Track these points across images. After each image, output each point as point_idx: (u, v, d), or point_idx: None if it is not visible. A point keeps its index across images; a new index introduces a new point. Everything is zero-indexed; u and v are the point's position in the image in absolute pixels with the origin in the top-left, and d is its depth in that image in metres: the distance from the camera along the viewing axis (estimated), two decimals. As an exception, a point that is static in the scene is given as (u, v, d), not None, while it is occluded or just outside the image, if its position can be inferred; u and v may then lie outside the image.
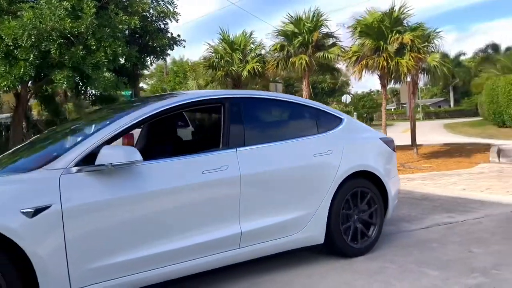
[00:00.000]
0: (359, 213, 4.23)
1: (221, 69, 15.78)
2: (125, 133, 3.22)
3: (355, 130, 4.58)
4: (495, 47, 38.03)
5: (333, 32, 14.11)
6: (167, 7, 12.45)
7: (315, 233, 3.94)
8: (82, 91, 13.50)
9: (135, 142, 4.75)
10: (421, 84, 20.11)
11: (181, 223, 3.28)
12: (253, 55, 15.84)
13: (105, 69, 10.44)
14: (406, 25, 12.24)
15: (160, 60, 14.59)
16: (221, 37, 16.15)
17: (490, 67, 31.79)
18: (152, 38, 12.29)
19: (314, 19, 13.97)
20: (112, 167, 2.95)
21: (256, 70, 15.32)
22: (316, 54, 13.96)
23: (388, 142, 4.72)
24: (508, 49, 38.69)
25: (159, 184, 3.19)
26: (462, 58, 49.93)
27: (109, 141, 3.10)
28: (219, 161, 3.46)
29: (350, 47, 12.83)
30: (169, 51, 13.83)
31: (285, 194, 3.83)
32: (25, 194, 2.74)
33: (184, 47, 13.60)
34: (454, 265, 3.82)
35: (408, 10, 12.18)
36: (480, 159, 12.02)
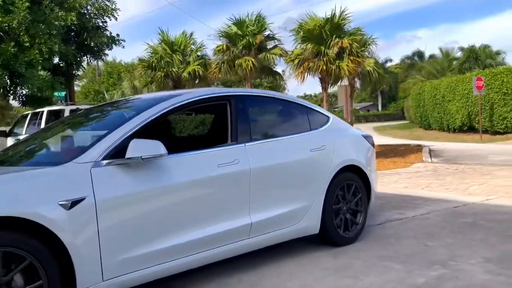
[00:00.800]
0: (348, 204, 4.56)
1: (161, 70, 15.49)
2: (147, 127, 3.33)
3: (340, 127, 4.92)
4: (420, 54, 40.36)
5: (275, 35, 14.35)
6: (105, 4, 12.01)
7: (312, 223, 4.22)
8: (11, 91, 12.67)
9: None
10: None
11: (201, 214, 3.43)
12: (194, 56, 15.71)
13: (40, 68, 9.86)
14: (345, 30, 12.66)
15: (97, 60, 14.05)
16: (161, 38, 15.87)
17: (416, 73, 33.66)
18: (90, 36, 11.82)
19: (257, 22, 14.11)
20: (142, 160, 3.07)
21: (197, 72, 15.21)
22: (259, 55, 14.08)
23: (368, 138, 5.10)
24: (431, 56, 41.16)
25: (182, 177, 3.33)
26: (389, 64, 52.51)
27: (133, 135, 3.17)
28: (231, 155, 3.64)
29: (292, 51, 13.07)
30: (107, 51, 13.37)
31: (287, 186, 4.08)
32: (61, 186, 2.81)
33: (123, 47, 13.26)
34: (414, 259, 3.97)
35: (348, 16, 12.62)
36: (414, 159, 12.66)
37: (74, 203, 2.76)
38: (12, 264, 2.56)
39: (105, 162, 2.99)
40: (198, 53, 15.92)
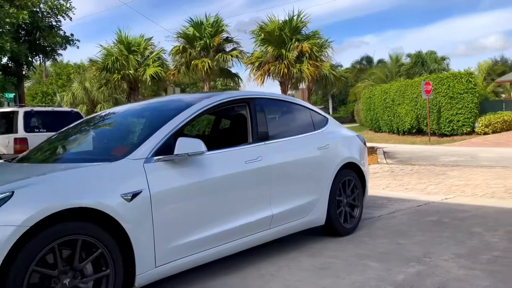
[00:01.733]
0: (347, 198, 4.99)
1: (116, 72, 15.10)
2: (186, 126, 3.69)
3: (337, 128, 5.34)
4: (369, 59, 41.61)
5: (233, 37, 14.35)
6: (59, 2, 11.56)
7: (319, 215, 4.62)
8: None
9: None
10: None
11: (235, 205, 3.75)
12: (153, 58, 15.43)
13: (-11, 68, 9.36)
14: (303, 33, 12.85)
15: (50, 60, 13.50)
16: (117, 38, 15.48)
17: (366, 78, 34.64)
18: (43, 36, 11.32)
19: (215, 23, 14.05)
20: (188, 156, 3.36)
21: (159, 74, 14.94)
22: (216, 57, 14.03)
23: (361, 138, 5.57)
24: (380, 61, 42.53)
25: (218, 172, 3.64)
26: (339, 69, 53.78)
27: (175, 134, 3.46)
28: (255, 153, 3.99)
29: (252, 53, 13.12)
30: (60, 51, 12.86)
31: (300, 181, 4.48)
32: (121, 180, 3.04)
33: (77, 47, 12.77)
34: (390, 256, 4.08)
35: (305, 19, 12.82)
36: (370, 160, 13.00)
37: (134, 195, 3.01)
38: (87, 253, 2.80)
39: (155, 158, 3.26)
40: (157, 55, 15.64)
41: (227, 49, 14.37)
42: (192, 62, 13.76)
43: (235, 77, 15.72)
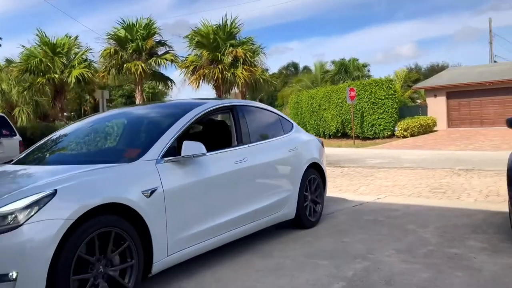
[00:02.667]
0: (312, 195, 5.53)
1: (41, 74, 14.34)
2: (188, 129, 4.15)
3: (300, 132, 5.90)
4: (295, 65, 42.86)
5: (166, 41, 14.18)
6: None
7: (291, 210, 5.14)
8: None
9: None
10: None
11: (229, 201, 4.23)
12: (79, 60, 14.82)
13: None
14: (237, 39, 13.02)
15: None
16: (40, 39, 14.68)
17: (293, 83, 35.60)
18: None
19: (147, 26, 13.82)
20: (193, 157, 3.80)
21: (85, 76, 14.37)
22: (149, 60, 13.80)
23: (319, 141, 6.20)
24: (305, 68, 43.92)
25: (215, 171, 4.08)
26: (266, 73, 54.82)
27: (178, 137, 3.86)
28: (241, 154, 4.47)
29: (187, 57, 13.06)
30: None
31: (277, 180, 5.02)
32: (139, 179, 3.40)
33: (0, 45, 11.98)
34: (337, 254, 4.30)
35: (239, 25, 13.00)
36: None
37: (152, 192, 3.38)
38: (117, 244, 3.13)
39: (164, 159, 3.64)
40: (83, 56, 15.04)
41: (160, 52, 14.18)
42: (125, 65, 13.41)
43: (168, 80, 15.53)
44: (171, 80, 14.89)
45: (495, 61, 36.22)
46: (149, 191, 3.38)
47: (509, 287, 3.36)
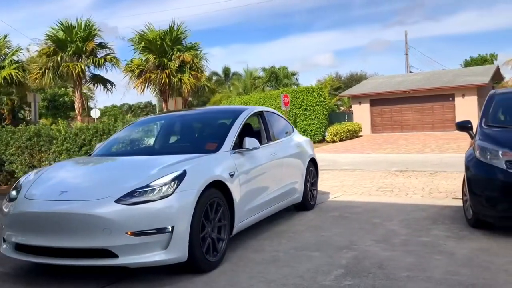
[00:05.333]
0: (310, 183, 6.72)
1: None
2: (242, 129, 5.26)
3: (298, 133, 7.13)
4: (227, 71, 43.10)
5: (107, 43, 13.87)
6: None
7: (299, 195, 6.28)
8: None
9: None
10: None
11: (270, 183, 5.43)
12: (10, 59, 14.03)
13: None
14: (184, 44, 13.09)
15: None
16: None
17: (224, 88, 35.91)
18: None
19: (87, 27, 13.45)
20: (253, 150, 5.00)
21: (14, 77, 13.62)
22: (87, 61, 13.43)
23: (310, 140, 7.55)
24: (234, 73, 44.35)
25: (262, 160, 5.27)
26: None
27: (238, 135, 5.08)
28: (273, 149, 5.70)
29: (131, 60, 12.89)
30: None
31: (293, 170, 6.17)
32: (225, 165, 4.54)
33: None
34: (323, 246, 4.66)
35: (185, 31, 13.08)
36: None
37: (233, 175, 4.50)
38: (216, 210, 4.20)
39: (234, 151, 4.82)
40: (15, 57, 14.26)
41: (100, 55, 13.82)
42: (63, 64, 12.93)
43: (108, 83, 15.12)
44: (111, 83, 14.59)
45: (410, 71, 39.11)
46: (232, 173, 4.50)
47: (482, 265, 3.90)
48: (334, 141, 23.38)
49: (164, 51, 12.44)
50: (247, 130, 5.64)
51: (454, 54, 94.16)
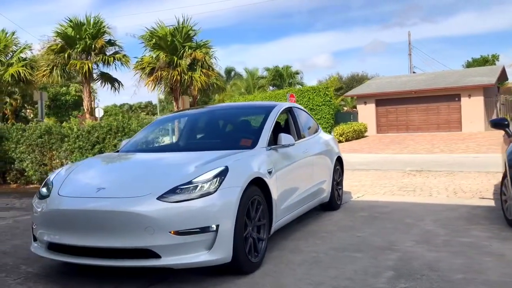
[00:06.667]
0: (337, 182, 6.56)
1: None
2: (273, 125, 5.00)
3: (322, 131, 6.83)
4: (229, 70, 42.93)
5: (116, 40, 13.68)
6: None
7: (326, 195, 6.10)
8: None
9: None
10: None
11: (303, 182, 5.28)
12: (18, 56, 13.82)
13: None
14: (194, 41, 12.91)
15: None
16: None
17: (230, 88, 35.73)
18: None
19: (96, 24, 13.26)
20: (289, 146, 4.76)
21: (21, 74, 13.41)
22: (97, 58, 13.22)
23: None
24: (235, 74, 44.20)
25: (295, 157, 5.07)
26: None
27: (272, 131, 4.86)
28: (304, 146, 5.50)
29: (142, 58, 12.70)
30: None
31: (321, 169, 5.97)
32: (263, 161, 4.33)
33: None
34: (363, 247, 4.48)
35: (194, 27, 12.89)
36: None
37: (270, 172, 4.29)
38: (256, 209, 3.99)
39: (269, 147, 4.61)
40: (22, 55, 14.05)
41: (109, 53, 13.62)
42: (71, 62, 12.72)
43: (115, 82, 14.86)
44: (119, 82, 14.30)
45: (413, 72, 38.99)
46: (270, 170, 4.31)
47: (537, 268, 3.73)
48: (340, 141, 23.20)
49: (175, 48, 12.26)
50: (276, 127, 5.41)
51: (454, 56, 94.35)
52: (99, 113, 31.07)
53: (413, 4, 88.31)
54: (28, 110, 35.00)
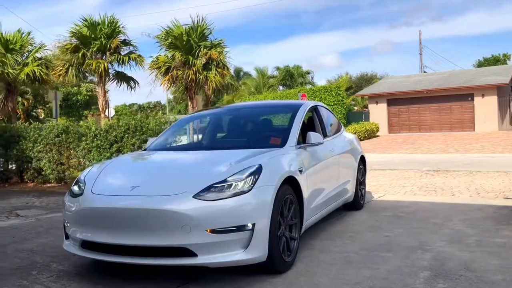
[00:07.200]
0: (360, 181, 6.48)
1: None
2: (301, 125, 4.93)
3: (345, 130, 6.82)
4: (238, 70, 43.01)
5: (130, 40, 13.70)
6: None
7: (351, 194, 6.05)
8: None
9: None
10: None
11: (329, 182, 5.21)
12: (33, 57, 13.88)
13: None
14: (209, 40, 12.90)
15: None
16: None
17: (238, 87, 35.70)
18: None
19: (111, 24, 13.29)
20: (318, 145, 4.77)
21: (37, 74, 13.47)
22: (112, 57, 13.25)
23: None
24: (244, 73, 44.21)
25: (323, 156, 5.05)
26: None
27: (300, 130, 4.78)
28: (330, 145, 5.44)
29: (157, 57, 12.71)
30: None
31: (347, 168, 5.94)
32: (292, 160, 4.25)
33: None
34: (393, 247, 4.42)
35: (210, 26, 12.87)
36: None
37: (301, 170, 4.23)
38: (288, 208, 3.94)
39: (299, 146, 4.58)
40: (38, 54, 14.11)
41: (124, 52, 13.65)
42: (87, 61, 12.76)
43: (130, 81, 14.87)
44: (135, 81, 14.33)
45: (424, 71, 38.75)
46: (301, 169, 4.26)
47: None
48: (352, 141, 23.12)
49: (191, 48, 12.25)
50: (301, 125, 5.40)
51: (464, 55, 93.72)
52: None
53: (421, 4, 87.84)
54: (39, 110, 35.24)
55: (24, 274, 4.01)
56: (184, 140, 5.95)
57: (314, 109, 5.65)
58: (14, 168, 11.53)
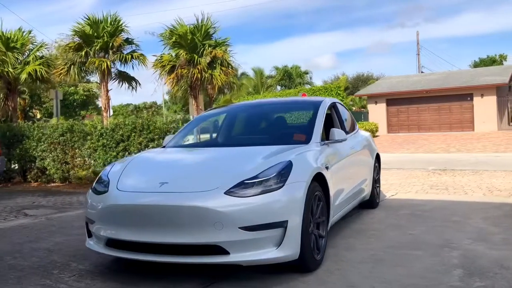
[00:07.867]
0: (376, 180, 6.42)
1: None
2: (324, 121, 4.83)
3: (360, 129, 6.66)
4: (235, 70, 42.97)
5: (133, 39, 13.57)
6: None
7: (368, 193, 5.98)
8: None
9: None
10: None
11: (351, 178, 5.18)
12: (35, 55, 13.71)
13: None
14: (213, 39, 12.80)
15: None
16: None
17: (238, 85, 35.59)
18: None
19: (114, 22, 13.16)
20: (341, 142, 4.73)
21: (38, 73, 13.30)
22: (114, 57, 13.13)
23: None
24: (242, 73, 44.07)
25: (344, 153, 4.98)
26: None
27: (322, 127, 4.69)
28: (350, 143, 5.32)
29: (161, 56, 12.59)
30: None
31: (365, 165, 5.95)
32: (318, 156, 4.19)
33: None
34: (421, 246, 4.35)
35: (215, 25, 12.78)
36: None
37: (327, 167, 4.18)
38: (317, 205, 3.84)
39: (323, 142, 4.51)
40: (39, 53, 13.94)
41: (126, 51, 13.51)
42: (89, 60, 12.63)
43: (132, 81, 14.70)
44: (136, 81, 14.13)
45: (422, 72, 38.82)
46: (327, 165, 4.18)
47: None
48: (352, 141, 23.11)
49: (195, 46, 12.16)
50: None
51: (460, 56, 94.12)
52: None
53: (417, 4, 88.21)
54: (35, 110, 34.97)
55: (45, 273, 3.90)
56: (202, 138, 5.84)
57: (333, 106, 5.56)
58: (16, 167, 11.38)
